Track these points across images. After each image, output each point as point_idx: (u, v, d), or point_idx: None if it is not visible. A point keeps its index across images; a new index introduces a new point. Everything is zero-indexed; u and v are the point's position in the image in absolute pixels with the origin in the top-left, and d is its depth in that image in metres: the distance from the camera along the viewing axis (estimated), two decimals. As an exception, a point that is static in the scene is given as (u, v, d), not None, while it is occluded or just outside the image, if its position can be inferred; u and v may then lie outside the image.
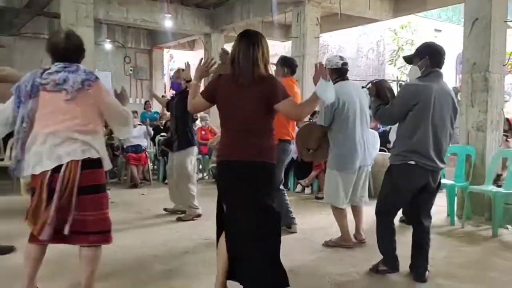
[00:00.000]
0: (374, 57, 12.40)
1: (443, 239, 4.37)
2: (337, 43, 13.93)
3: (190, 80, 4.82)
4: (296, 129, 4.55)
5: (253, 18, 9.71)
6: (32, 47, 10.83)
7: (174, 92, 5.27)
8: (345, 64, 3.97)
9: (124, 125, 2.79)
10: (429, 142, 3.11)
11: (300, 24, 8.42)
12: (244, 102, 2.51)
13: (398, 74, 11.46)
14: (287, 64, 4.43)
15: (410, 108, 3.11)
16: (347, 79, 4.02)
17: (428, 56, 3.18)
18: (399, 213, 3.76)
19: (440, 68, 3.24)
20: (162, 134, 8.57)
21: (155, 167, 8.90)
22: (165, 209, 5.43)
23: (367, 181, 4.14)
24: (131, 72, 13.02)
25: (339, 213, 4.04)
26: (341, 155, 3.88)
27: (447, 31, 12.88)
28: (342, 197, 3.96)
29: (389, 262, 3.36)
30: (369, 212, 4.16)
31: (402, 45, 11.40)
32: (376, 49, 12.79)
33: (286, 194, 4.57)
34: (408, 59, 3.36)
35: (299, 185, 7.02)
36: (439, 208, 5.46)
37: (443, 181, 5.36)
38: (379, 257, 3.42)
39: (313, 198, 6.60)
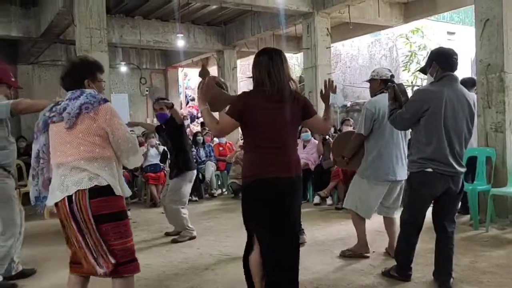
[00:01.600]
0: (387, 63, 12.36)
1: (466, 244, 4.28)
2: (349, 52, 13.94)
3: (172, 106, 4.94)
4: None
5: (264, 32, 9.81)
6: (50, 74, 11.13)
7: (161, 122, 5.15)
8: (392, 76, 4.01)
9: (133, 154, 2.55)
10: (445, 147, 3.07)
11: (310, 36, 8.47)
12: (282, 117, 2.57)
13: (412, 79, 11.38)
14: None
15: (421, 114, 3.09)
16: None
17: (435, 62, 3.16)
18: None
19: (453, 71, 3.18)
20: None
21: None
22: (166, 233, 5.35)
23: (401, 194, 4.05)
24: (147, 92, 13.23)
25: (359, 220, 4.01)
26: (375, 165, 3.83)
27: (460, 33, 12.78)
28: (369, 207, 3.92)
29: (403, 271, 3.35)
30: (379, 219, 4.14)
31: (415, 50, 11.33)
32: (389, 55, 12.76)
33: None
34: (423, 70, 3.36)
35: (317, 196, 6.97)
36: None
37: (463, 184, 5.29)
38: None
39: (333, 209, 6.55)
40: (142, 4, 9.08)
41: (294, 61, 14.95)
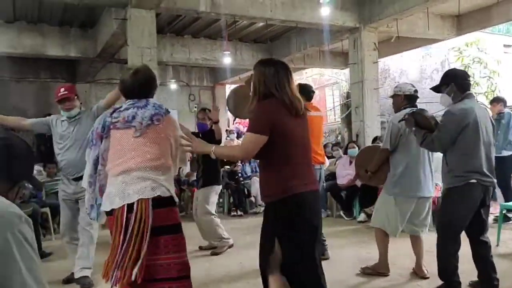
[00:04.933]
0: (439, 78, 11.98)
1: None
2: (398, 66, 13.64)
3: (217, 122, 4.88)
4: None
5: (310, 48, 9.81)
6: (105, 91, 11.63)
7: (199, 131, 5.31)
8: (416, 91, 3.98)
9: (182, 162, 2.72)
10: (483, 159, 3.19)
11: (357, 51, 8.38)
12: (302, 131, 2.52)
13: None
14: (303, 92, 4.46)
15: (460, 131, 3.16)
16: (416, 106, 3.95)
17: (454, 82, 3.32)
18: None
19: (469, 90, 3.37)
20: (226, 167, 8.77)
21: (221, 200, 9.04)
22: (200, 247, 5.36)
23: (430, 212, 3.98)
24: (195, 109, 13.54)
25: (383, 238, 3.93)
26: (402, 182, 3.76)
27: (518, 45, 12.19)
28: (395, 225, 3.82)
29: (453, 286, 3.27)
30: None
31: (469, 64, 10.88)
32: (440, 69, 12.35)
33: None
34: (436, 89, 3.46)
35: (363, 213, 6.80)
36: None
37: None
38: (428, 284, 3.39)
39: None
40: (191, 23, 9.37)
41: (342, 77, 14.81)
